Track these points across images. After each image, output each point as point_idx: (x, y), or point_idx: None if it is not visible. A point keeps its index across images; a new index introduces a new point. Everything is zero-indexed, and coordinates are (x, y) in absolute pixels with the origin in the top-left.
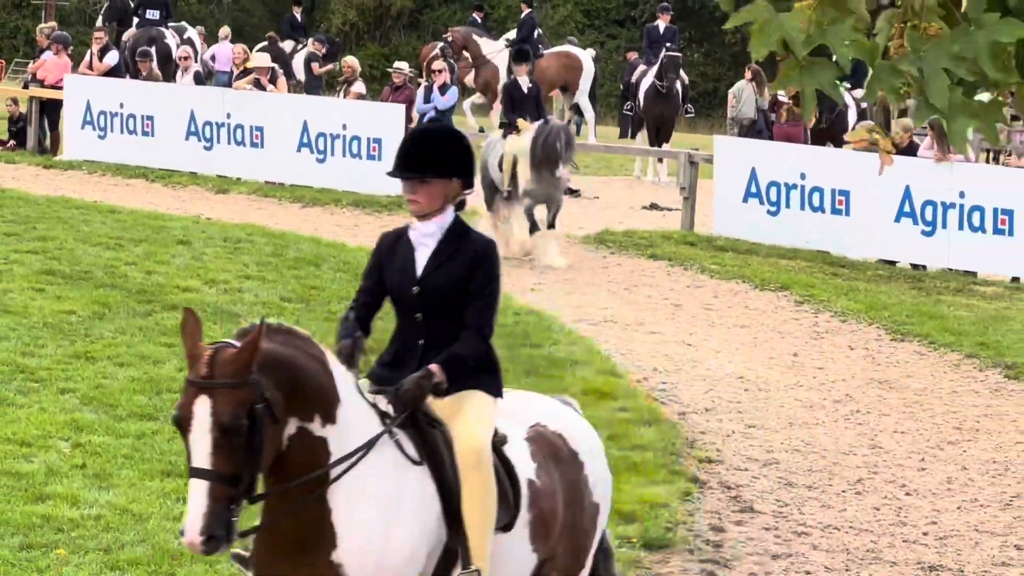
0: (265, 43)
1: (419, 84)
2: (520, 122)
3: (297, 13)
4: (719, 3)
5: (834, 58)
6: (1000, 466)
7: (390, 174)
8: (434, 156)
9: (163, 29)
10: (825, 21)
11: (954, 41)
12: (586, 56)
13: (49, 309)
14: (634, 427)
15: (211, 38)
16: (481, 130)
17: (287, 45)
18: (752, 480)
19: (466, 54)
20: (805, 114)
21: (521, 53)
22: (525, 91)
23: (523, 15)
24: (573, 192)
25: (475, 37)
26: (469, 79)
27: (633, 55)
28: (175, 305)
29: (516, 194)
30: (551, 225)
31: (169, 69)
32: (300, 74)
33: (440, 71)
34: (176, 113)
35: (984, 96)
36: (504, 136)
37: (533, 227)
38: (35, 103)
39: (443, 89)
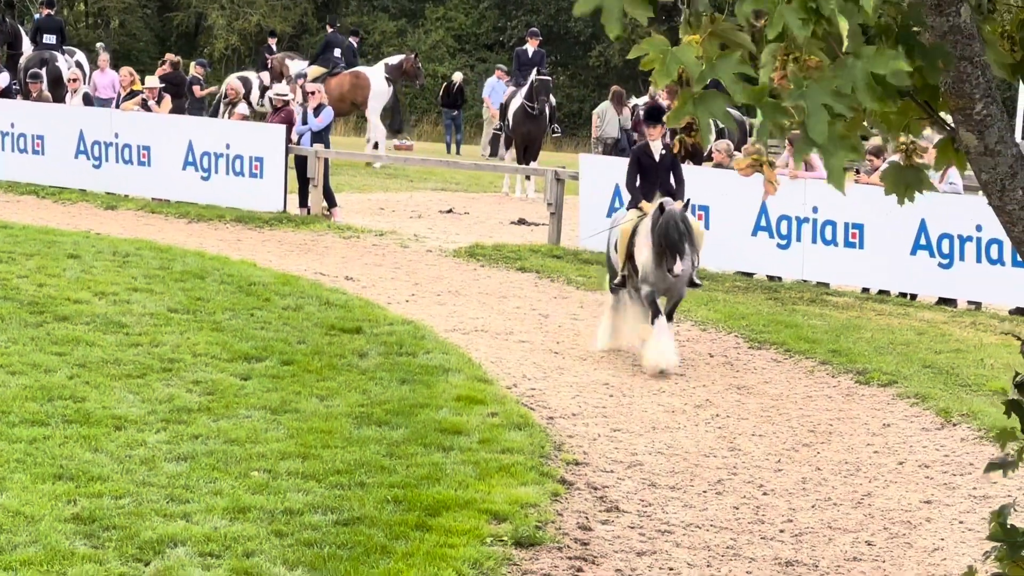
0: (166, 63)
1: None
2: (644, 205)
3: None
4: (608, 31)
5: None
6: (852, 466)
7: None
8: None
9: (55, 52)
10: (713, 56)
11: (834, 75)
12: (375, 75)
13: None
14: (504, 431)
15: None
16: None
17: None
18: (617, 481)
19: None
20: (703, 142)
21: (653, 113)
22: (657, 158)
23: (327, 33)
24: (447, 211)
25: (287, 61)
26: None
27: (497, 75)
28: (66, 316)
29: (633, 280)
30: (669, 316)
31: (60, 91)
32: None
33: (313, 93)
34: (66, 132)
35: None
36: (627, 210)
37: (655, 314)
38: None
39: (317, 111)
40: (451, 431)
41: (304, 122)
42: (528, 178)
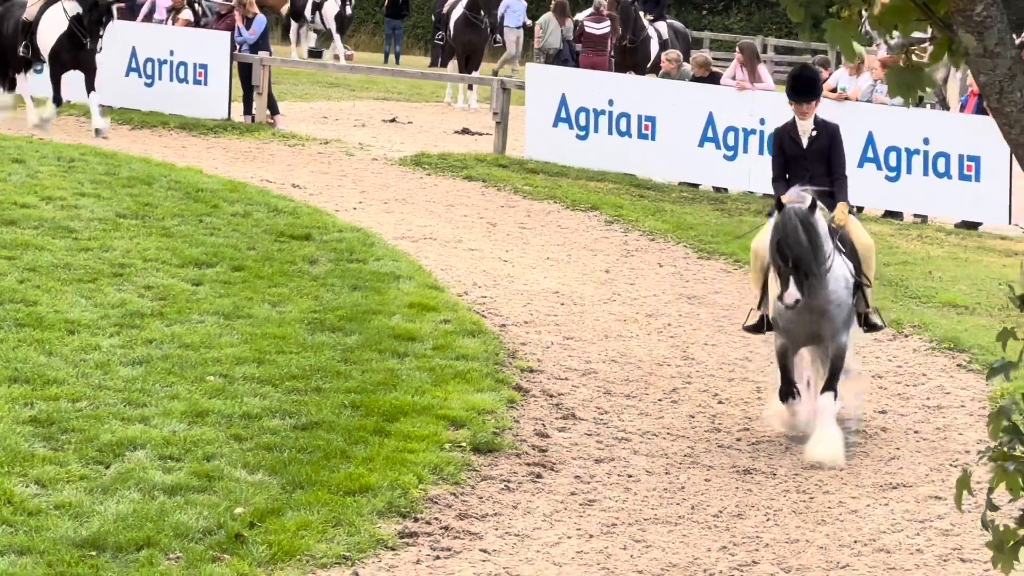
0: None
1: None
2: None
3: None
4: None
5: None
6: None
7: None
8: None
9: None
10: None
11: None
12: None
13: None
14: (458, 338)
15: None
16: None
17: None
18: (572, 389)
19: None
20: None
21: (802, 83)
22: (806, 142)
23: None
24: (391, 120)
25: None
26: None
27: None
28: (13, 220)
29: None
30: (828, 386)
31: None
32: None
33: (244, 3)
34: None
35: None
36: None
37: (785, 388)
38: None
39: (248, 23)
40: (405, 337)
41: (240, 32)
42: (471, 87)
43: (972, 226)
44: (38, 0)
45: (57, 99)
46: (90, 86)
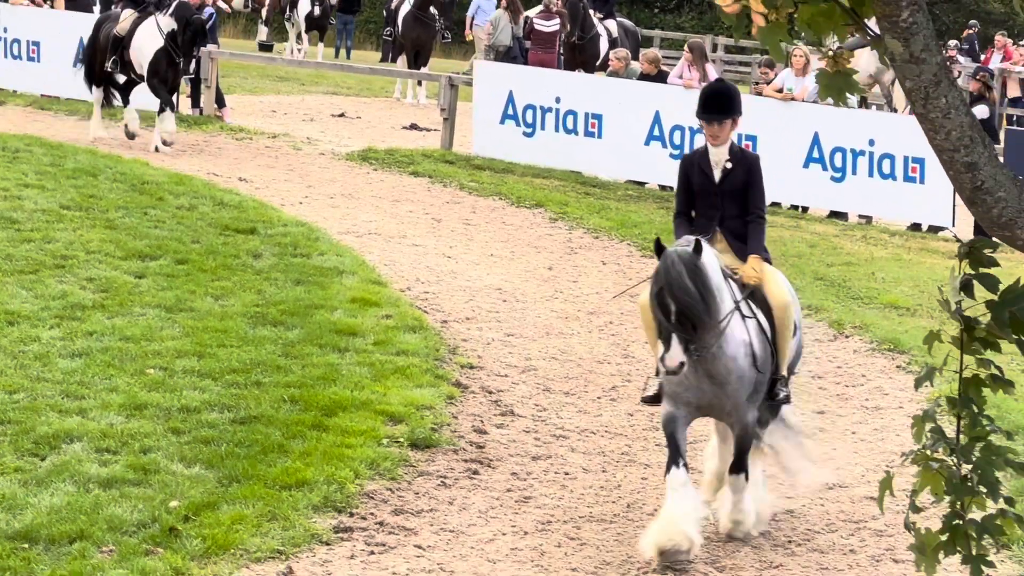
0: None
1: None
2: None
3: None
4: None
5: None
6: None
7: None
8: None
9: None
10: None
11: None
12: None
13: None
14: (399, 333)
15: None
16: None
17: None
18: (512, 386)
19: None
20: None
21: (715, 99)
22: (718, 176)
23: None
24: (339, 114)
25: None
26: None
27: None
28: None
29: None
30: (734, 467)
31: None
32: None
33: None
34: None
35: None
36: None
37: (672, 459)
38: None
39: (199, 9)
40: (346, 332)
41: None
42: (420, 83)
43: (916, 228)
44: (130, 15)
45: (168, 104)
46: (173, 101)
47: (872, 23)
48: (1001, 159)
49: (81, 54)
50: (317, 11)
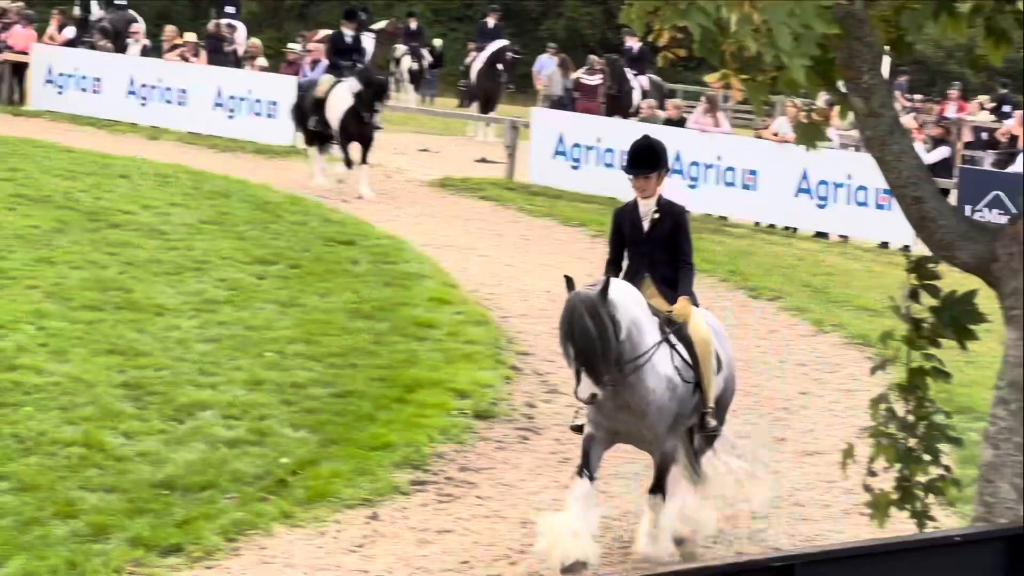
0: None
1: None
2: None
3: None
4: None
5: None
6: (744, 363)
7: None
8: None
9: (133, 12)
10: None
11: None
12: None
13: (19, 224)
14: (467, 326)
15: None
16: None
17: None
18: (557, 369)
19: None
20: (696, 34)
21: (641, 156)
22: (647, 225)
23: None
24: (423, 149)
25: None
26: None
27: (548, 53)
28: (118, 224)
29: None
30: (654, 487)
31: (120, 43)
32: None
33: (312, 50)
34: (120, 77)
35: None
36: None
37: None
38: (7, 65)
39: (314, 65)
40: (425, 325)
41: (305, 74)
42: (488, 125)
43: (885, 246)
44: (328, 80)
45: (347, 162)
46: (363, 157)
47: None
48: (955, 191)
49: (292, 116)
50: (415, 66)
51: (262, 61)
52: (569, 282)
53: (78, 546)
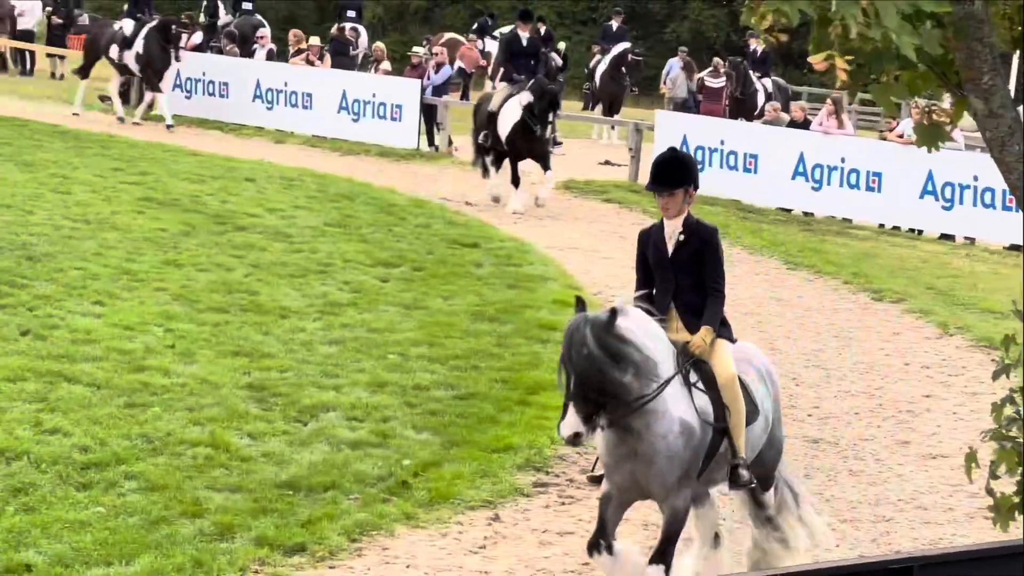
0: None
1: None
2: None
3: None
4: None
5: None
6: (866, 366)
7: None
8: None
9: (259, 17)
10: None
11: None
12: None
13: (147, 227)
14: None
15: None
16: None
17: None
18: None
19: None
20: (793, 19)
21: (665, 171)
22: (671, 248)
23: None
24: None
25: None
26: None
27: (679, 57)
28: (243, 227)
29: None
30: (654, 557)
31: (247, 48)
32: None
33: (437, 54)
34: (246, 81)
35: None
36: None
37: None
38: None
39: (437, 68)
40: (548, 327)
41: (429, 78)
42: (612, 128)
43: (1015, 248)
44: (503, 91)
45: (515, 180)
46: (546, 166)
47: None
48: None
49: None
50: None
51: (386, 65)
52: (580, 304)
53: (204, 545)
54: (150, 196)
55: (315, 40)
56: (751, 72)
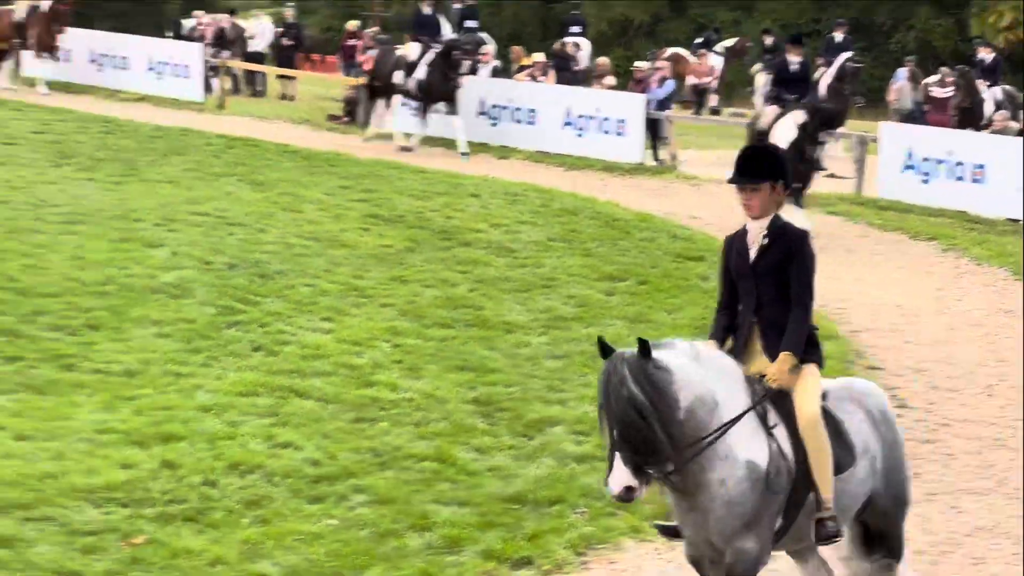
0: (557, 44)
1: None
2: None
3: (575, 28)
4: None
5: None
6: None
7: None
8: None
9: (476, 35)
10: None
11: None
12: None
13: (373, 244)
14: None
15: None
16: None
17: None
18: (906, 384)
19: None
20: None
21: (751, 160)
22: (753, 255)
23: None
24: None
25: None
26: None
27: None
28: (468, 242)
29: None
30: None
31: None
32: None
33: (660, 68)
34: (471, 97)
35: None
36: None
37: None
38: (363, 89)
39: (661, 82)
40: None
41: (653, 93)
42: (836, 140)
43: None
44: (773, 110)
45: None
46: (805, 187)
47: None
48: None
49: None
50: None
51: (610, 79)
52: (603, 347)
53: (432, 558)
54: (375, 213)
55: (539, 56)
56: (979, 81)
